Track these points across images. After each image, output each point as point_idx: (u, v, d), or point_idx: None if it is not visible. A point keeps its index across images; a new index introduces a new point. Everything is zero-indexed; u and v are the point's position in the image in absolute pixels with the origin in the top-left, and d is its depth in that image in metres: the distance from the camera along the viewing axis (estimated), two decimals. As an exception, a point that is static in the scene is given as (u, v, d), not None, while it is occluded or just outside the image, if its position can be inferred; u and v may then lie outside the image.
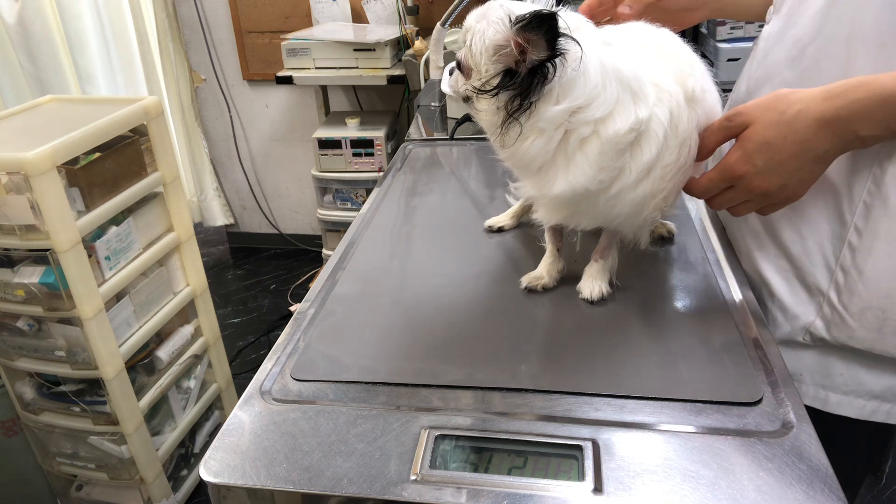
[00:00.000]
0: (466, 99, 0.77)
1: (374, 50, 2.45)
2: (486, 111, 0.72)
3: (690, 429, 0.62)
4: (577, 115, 0.68)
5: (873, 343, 0.74)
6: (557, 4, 0.73)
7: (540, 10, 0.63)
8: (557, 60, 0.65)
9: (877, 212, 0.71)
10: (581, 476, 0.58)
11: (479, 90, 0.70)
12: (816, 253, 0.77)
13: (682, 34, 0.83)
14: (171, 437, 1.78)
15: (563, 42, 0.64)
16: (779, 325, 0.83)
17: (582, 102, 0.68)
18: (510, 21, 0.66)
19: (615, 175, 0.72)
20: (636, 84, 0.70)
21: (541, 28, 0.63)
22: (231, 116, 3.08)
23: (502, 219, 1.03)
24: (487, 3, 0.72)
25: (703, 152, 0.76)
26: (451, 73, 0.80)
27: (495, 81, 0.69)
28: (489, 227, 1.03)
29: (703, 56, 0.81)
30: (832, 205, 0.75)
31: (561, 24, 0.63)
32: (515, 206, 1.04)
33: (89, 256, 1.42)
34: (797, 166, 0.68)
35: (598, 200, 0.74)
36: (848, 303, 0.75)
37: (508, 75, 0.68)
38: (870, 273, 0.72)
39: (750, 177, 0.70)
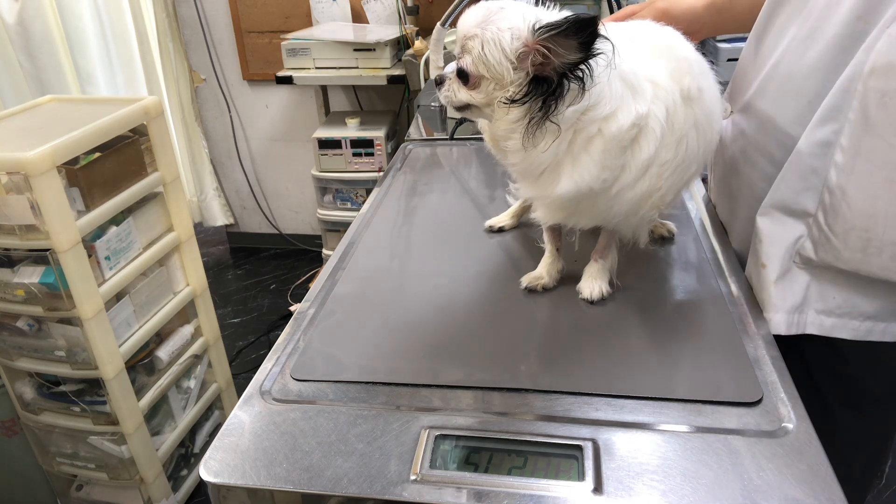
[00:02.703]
0: (463, 108, 0.76)
1: (374, 50, 2.45)
2: (508, 119, 0.71)
3: (690, 429, 0.62)
4: (587, 114, 0.68)
5: (858, 264, 0.74)
6: (537, 4, 0.72)
7: (577, 16, 0.63)
8: (592, 62, 0.65)
9: (858, 129, 0.70)
10: (581, 476, 0.58)
11: (512, 100, 0.69)
12: (799, 178, 0.77)
13: None
14: (171, 437, 1.78)
15: (597, 43, 0.63)
16: (773, 259, 0.81)
17: (592, 101, 0.68)
18: (535, 28, 0.65)
19: (617, 174, 0.72)
20: (635, 81, 0.70)
21: (582, 33, 0.63)
22: (231, 116, 3.08)
23: (502, 219, 1.03)
24: (484, 6, 0.70)
25: None
26: (438, 83, 0.78)
27: (525, 89, 0.68)
28: (489, 227, 1.03)
29: (703, 55, 0.81)
30: (820, 123, 0.74)
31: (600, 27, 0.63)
32: (515, 205, 1.04)
33: (89, 256, 1.42)
34: None
35: (597, 200, 0.74)
36: (833, 223, 0.74)
37: (538, 81, 0.67)
38: (853, 193, 0.72)
39: None
